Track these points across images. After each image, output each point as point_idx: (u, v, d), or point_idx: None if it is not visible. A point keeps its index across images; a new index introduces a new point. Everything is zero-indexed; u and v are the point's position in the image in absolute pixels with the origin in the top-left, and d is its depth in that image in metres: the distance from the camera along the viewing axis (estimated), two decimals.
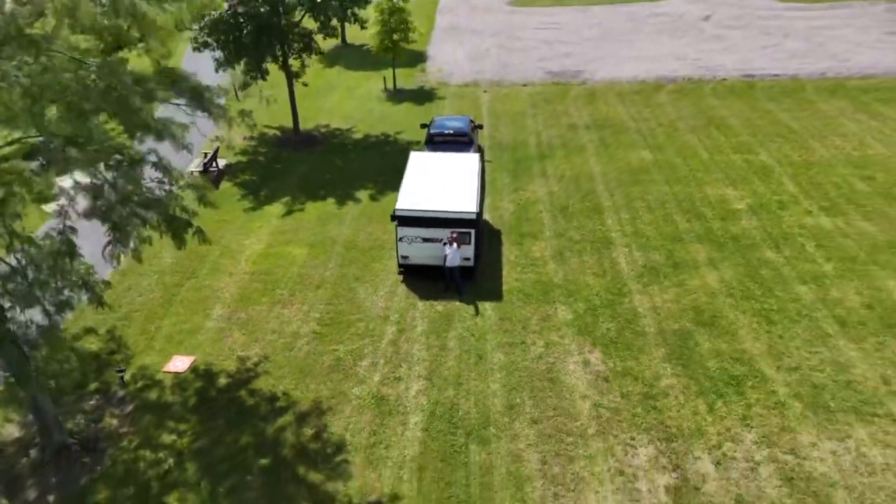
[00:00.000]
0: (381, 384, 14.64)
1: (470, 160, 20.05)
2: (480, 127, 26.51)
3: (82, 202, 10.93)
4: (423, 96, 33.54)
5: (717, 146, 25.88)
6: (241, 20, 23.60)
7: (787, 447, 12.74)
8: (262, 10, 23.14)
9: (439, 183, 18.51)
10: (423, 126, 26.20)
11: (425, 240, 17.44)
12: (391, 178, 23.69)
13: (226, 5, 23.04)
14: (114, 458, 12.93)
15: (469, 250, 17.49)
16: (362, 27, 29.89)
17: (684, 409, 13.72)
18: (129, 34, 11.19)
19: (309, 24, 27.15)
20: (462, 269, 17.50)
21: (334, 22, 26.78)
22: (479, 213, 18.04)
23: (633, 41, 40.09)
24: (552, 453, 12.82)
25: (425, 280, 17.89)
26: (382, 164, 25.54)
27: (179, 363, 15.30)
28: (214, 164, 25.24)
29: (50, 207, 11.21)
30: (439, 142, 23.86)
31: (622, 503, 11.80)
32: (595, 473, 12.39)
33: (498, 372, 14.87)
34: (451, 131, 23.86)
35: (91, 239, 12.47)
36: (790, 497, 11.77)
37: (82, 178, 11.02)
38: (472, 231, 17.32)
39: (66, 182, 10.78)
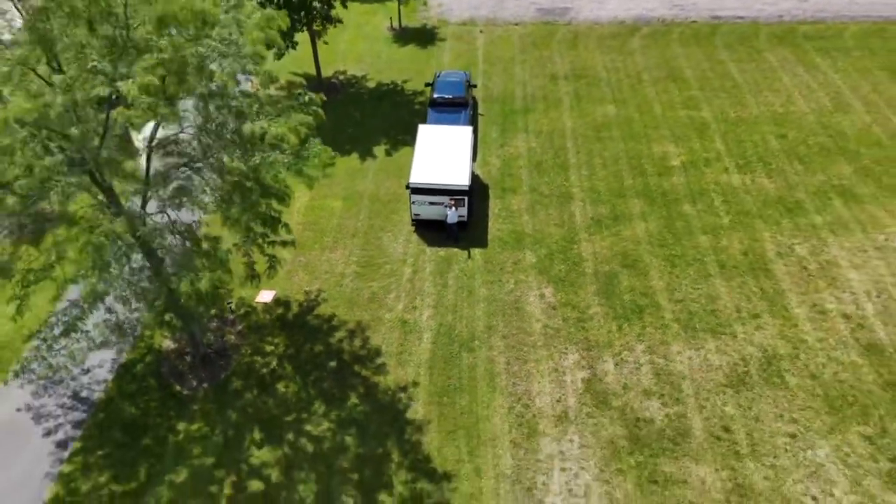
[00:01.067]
0: (403, 311, 21.87)
1: (464, 134, 25.91)
2: (475, 86, 31.77)
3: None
4: (425, 37, 38.02)
5: (671, 101, 31.29)
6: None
7: (661, 354, 20.17)
8: None
9: (441, 159, 24.57)
10: (428, 85, 31.47)
11: (431, 203, 23.90)
12: (402, 133, 29.62)
13: None
14: (238, 361, 20.46)
15: (463, 210, 24.00)
16: None
17: (602, 329, 21.02)
18: None
19: None
20: (459, 222, 24.12)
21: None
22: (472, 184, 24.29)
23: None
24: (514, 358, 20.28)
25: (431, 231, 24.57)
26: (394, 117, 31.13)
27: (266, 296, 22.46)
28: None
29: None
30: (441, 103, 29.41)
31: (554, 389, 19.41)
32: (539, 370, 19.91)
33: (482, 302, 22.04)
34: (451, 96, 29.31)
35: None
36: (656, 385, 19.34)
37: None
38: (466, 197, 23.73)
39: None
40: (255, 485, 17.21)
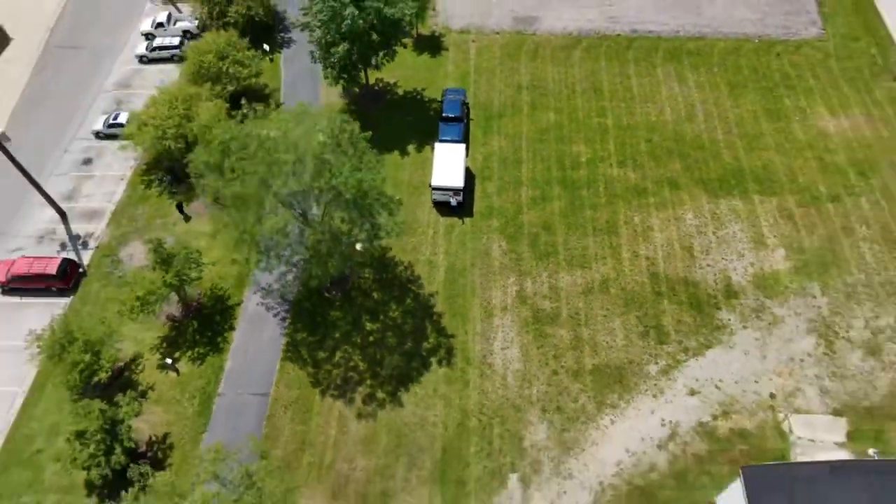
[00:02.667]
0: (429, 255, 43.43)
1: (459, 150, 45.65)
2: (468, 103, 50.64)
3: None
4: (434, 46, 55.58)
5: (589, 110, 50.22)
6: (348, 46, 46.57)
7: (554, 278, 41.97)
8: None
9: (447, 168, 44.68)
10: (439, 101, 50.37)
11: (443, 194, 44.52)
12: (424, 137, 49.28)
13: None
14: (352, 283, 42.43)
15: (460, 198, 44.61)
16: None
17: (528, 265, 42.65)
18: None
19: None
20: (458, 204, 44.87)
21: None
22: (465, 184, 44.53)
23: None
24: (484, 281, 42.13)
25: (443, 208, 45.33)
26: (419, 124, 50.20)
27: (359, 246, 43.90)
28: None
29: None
30: (446, 119, 48.65)
31: (501, 296, 41.44)
32: (495, 286, 41.81)
33: (470, 251, 43.53)
34: (452, 115, 48.45)
35: None
36: (549, 293, 41.36)
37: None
38: (461, 190, 44.26)
39: None
40: (370, 339, 40.00)
